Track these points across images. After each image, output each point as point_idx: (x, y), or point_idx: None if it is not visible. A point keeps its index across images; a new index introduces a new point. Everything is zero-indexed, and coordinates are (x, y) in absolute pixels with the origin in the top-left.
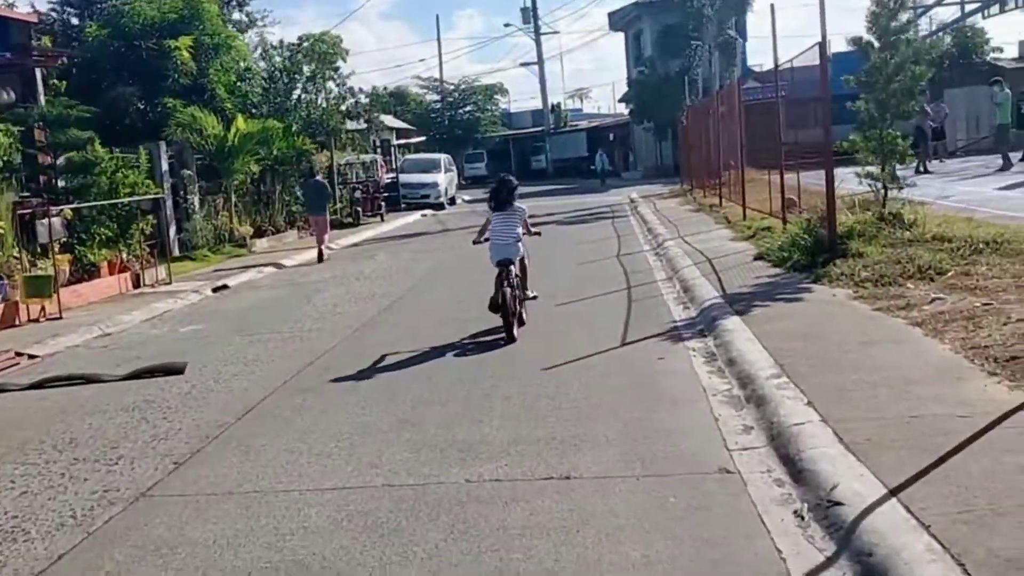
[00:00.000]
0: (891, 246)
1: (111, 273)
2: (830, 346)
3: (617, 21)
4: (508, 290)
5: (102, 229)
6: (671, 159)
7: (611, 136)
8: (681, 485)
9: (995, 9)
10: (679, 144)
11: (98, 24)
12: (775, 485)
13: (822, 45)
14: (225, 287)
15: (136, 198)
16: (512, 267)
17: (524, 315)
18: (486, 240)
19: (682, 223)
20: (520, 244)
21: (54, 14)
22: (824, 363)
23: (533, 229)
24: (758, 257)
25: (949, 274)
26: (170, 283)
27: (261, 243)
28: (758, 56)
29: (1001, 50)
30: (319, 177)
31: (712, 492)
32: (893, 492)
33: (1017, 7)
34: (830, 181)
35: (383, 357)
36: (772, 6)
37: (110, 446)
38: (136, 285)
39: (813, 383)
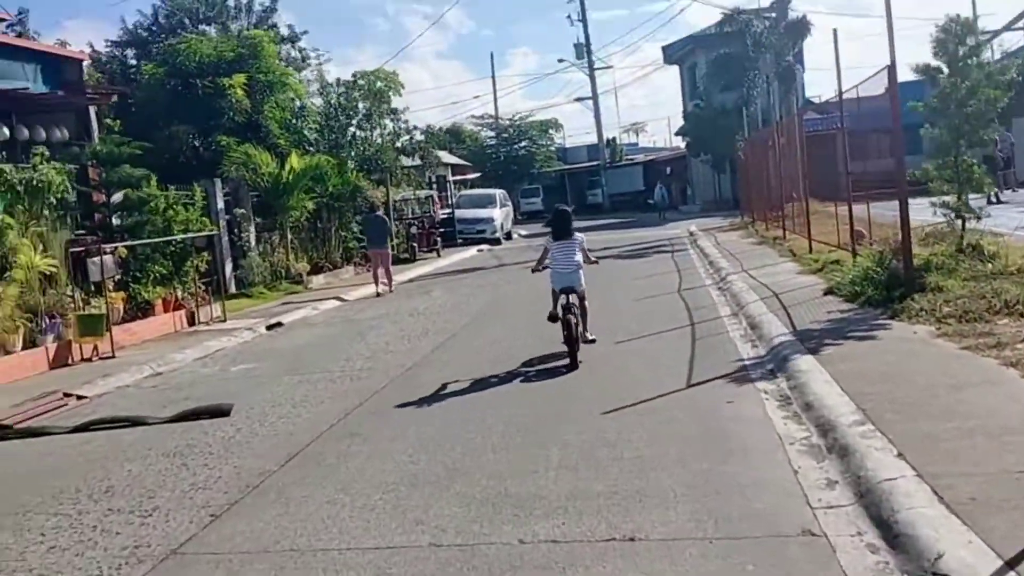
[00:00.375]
0: (973, 279)
1: (165, 311)
2: (916, 389)
3: (672, 54)
4: (572, 318)
5: (156, 267)
6: (729, 192)
7: (668, 169)
8: (760, 550)
9: None
10: (737, 176)
11: (155, 63)
12: (868, 552)
13: (891, 68)
14: (279, 324)
15: (190, 235)
16: (574, 295)
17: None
18: (545, 268)
19: (745, 256)
20: (581, 272)
21: (114, 52)
22: (912, 408)
23: (592, 257)
24: (828, 292)
25: None
26: (224, 320)
27: (318, 279)
28: (813, 88)
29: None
30: (379, 212)
31: (796, 559)
32: (1010, 564)
33: None
34: (904, 211)
35: (434, 397)
36: (835, 31)
37: (147, 495)
38: (191, 323)
39: (901, 431)
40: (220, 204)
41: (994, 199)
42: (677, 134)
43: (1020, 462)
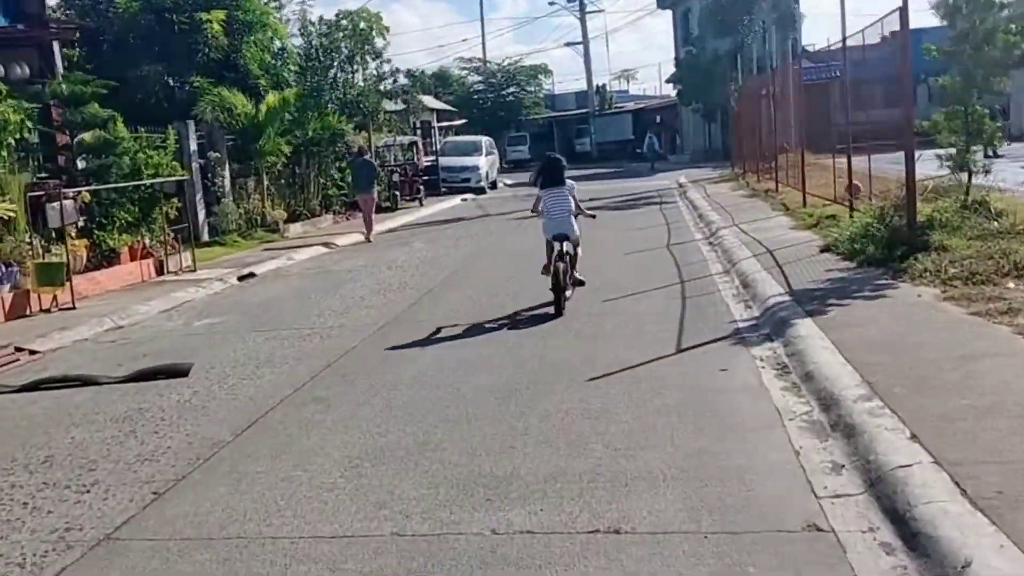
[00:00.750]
0: (979, 238)
1: (132, 259)
2: (925, 360)
3: None
4: (561, 264)
5: (122, 213)
6: (720, 142)
7: (658, 118)
8: (761, 548)
9: None
10: (729, 126)
11: None
12: (883, 552)
13: (903, 10)
14: (252, 275)
15: (159, 180)
16: (567, 243)
17: (569, 294)
18: (541, 213)
19: (736, 210)
20: (573, 219)
21: None
22: (922, 382)
23: (588, 211)
24: (825, 249)
25: None
26: (195, 270)
27: (295, 228)
28: (811, 36)
29: None
30: (367, 156)
31: (802, 558)
32: None
33: None
34: (910, 163)
35: (407, 359)
36: None
37: (88, 467)
38: (159, 272)
39: (913, 409)
40: (193, 147)
41: (991, 152)
42: (668, 82)
43: None
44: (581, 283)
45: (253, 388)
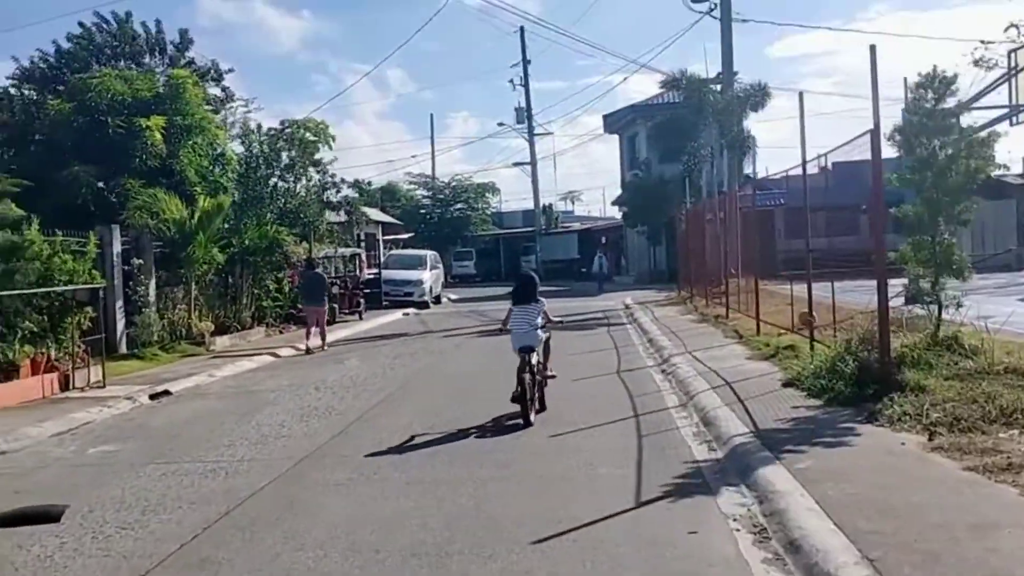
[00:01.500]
0: (957, 378)
1: (34, 373)
2: (931, 528)
3: (612, 123)
4: (527, 376)
5: (27, 322)
6: (665, 264)
7: (603, 239)
8: None
9: None
10: (675, 249)
11: (61, 99)
12: None
13: (875, 133)
14: (166, 393)
15: (70, 288)
16: (534, 355)
17: (545, 397)
18: (509, 331)
19: (687, 336)
20: (540, 332)
21: (12, 90)
22: (934, 560)
23: (555, 318)
24: (788, 384)
25: None
26: (103, 386)
27: (223, 341)
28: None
29: (1007, 168)
30: (318, 269)
31: None
32: None
33: None
34: (883, 295)
35: (319, 507)
36: (801, 94)
37: None
38: (64, 387)
39: None
40: (116, 251)
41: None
42: (614, 203)
43: None
44: (553, 376)
45: (132, 542)
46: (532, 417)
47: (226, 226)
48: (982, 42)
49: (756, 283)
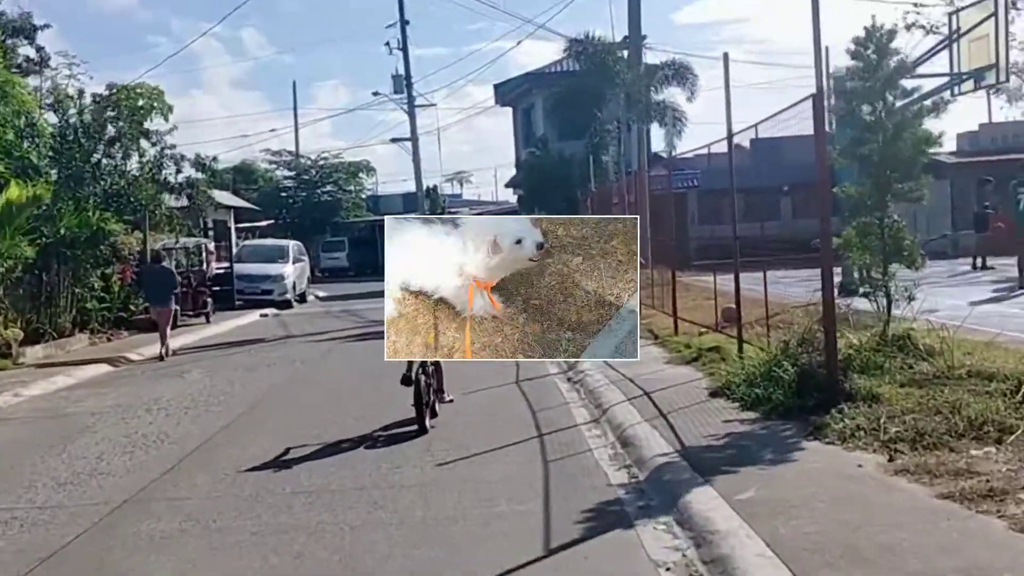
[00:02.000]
0: (914, 384)
1: None
2: None
3: (504, 94)
4: (424, 378)
5: None
6: None
7: None
8: None
9: (968, 85)
10: None
11: None
12: None
13: (818, 97)
14: None
15: None
16: (426, 363)
17: (437, 408)
18: None
19: None
20: None
21: None
22: None
23: None
24: (716, 393)
25: (1019, 431)
26: None
27: (35, 351)
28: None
29: (940, 144)
30: (164, 263)
31: None
32: None
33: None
34: (828, 287)
35: (139, 571)
36: (726, 55)
37: None
38: None
39: None
40: None
41: (979, 263)
42: (507, 185)
43: None
44: (450, 401)
45: None
46: (428, 423)
47: (36, 212)
48: (915, 4)
49: (673, 276)
